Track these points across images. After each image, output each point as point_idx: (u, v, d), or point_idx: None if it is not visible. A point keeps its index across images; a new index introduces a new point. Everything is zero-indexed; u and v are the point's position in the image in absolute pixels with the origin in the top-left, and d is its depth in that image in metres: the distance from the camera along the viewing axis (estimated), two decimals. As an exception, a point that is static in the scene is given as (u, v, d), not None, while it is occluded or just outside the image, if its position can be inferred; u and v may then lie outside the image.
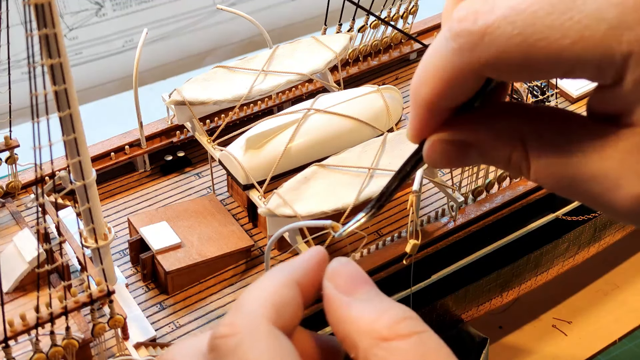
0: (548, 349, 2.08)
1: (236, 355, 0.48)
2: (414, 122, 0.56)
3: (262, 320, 0.49)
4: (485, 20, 0.48)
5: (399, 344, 0.48)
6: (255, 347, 0.48)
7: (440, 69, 0.51)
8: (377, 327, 0.49)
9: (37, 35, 1.19)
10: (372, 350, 0.48)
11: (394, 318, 0.50)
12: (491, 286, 1.99)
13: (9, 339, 1.31)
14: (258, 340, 0.48)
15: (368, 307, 0.51)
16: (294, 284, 0.53)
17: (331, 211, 1.58)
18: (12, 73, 1.56)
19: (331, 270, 0.54)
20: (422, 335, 0.49)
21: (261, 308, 0.50)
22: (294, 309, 0.52)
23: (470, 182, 1.81)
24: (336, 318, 0.52)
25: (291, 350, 0.49)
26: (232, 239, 1.72)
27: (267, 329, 0.49)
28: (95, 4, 2.68)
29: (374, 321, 0.50)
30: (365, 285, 0.53)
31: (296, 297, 0.52)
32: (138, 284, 1.70)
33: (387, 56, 2.25)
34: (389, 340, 0.48)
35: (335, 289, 0.53)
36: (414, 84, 0.54)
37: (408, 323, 0.50)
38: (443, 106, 0.54)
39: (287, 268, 0.54)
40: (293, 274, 0.53)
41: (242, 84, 1.85)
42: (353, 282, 0.53)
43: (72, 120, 1.32)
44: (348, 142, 1.73)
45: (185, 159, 1.99)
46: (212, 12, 2.83)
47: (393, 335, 0.49)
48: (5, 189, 1.76)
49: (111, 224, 1.72)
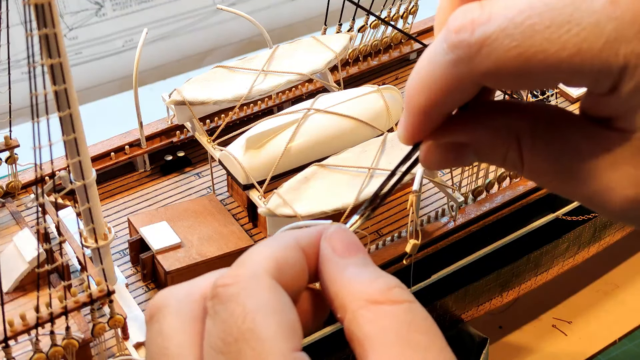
0: (548, 349, 2.08)
1: (235, 302, 0.49)
2: (408, 127, 0.56)
3: (264, 274, 0.51)
4: (482, 32, 0.48)
5: (390, 308, 0.50)
6: (255, 296, 0.49)
7: (436, 78, 0.51)
8: (370, 291, 0.51)
9: (37, 35, 1.19)
10: (361, 311, 0.50)
11: (388, 284, 0.51)
12: (491, 286, 1.99)
13: (9, 338, 1.31)
14: (258, 291, 0.49)
15: (362, 271, 0.52)
16: (298, 247, 0.54)
17: (331, 211, 1.58)
18: (12, 73, 1.56)
19: (330, 233, 0.55)
20: (412, 305, 0.51)
21: (264, 262, 0.51)
22: (296, 271, 0.53)
23: (470, 182, 1.81)
24: (328, 278, 0.53)
25: (289, 306, 0.50)
26: (232, 239, 1.72)
27: (268, 281, 0.50)
28: (95, 4, 2.68)
29: (368, 285, 0.51)
30: (360, 252, 0.55)
31: (300, 261, 0.53)
32: (138, 284, 1.71)
33: (387, 56, 2.25)
34: (380, 304, 0.50)
35: (331, 250, 0.54)
36: (408, 91, 0.55)
37: (399, 291, 0.51)
38: (438, 113, 0.55)
39: (292, 234, 0.55)
40: (297, 239, 0.54)
41: (242, 84, 1.85)
42: (349, 246, 0.54)
43: (72, 120, 1.32)
44: (348, 142, 1.73)
45: (185, 159, 1.99)
46: (212, 12, 2.83)
47: (385, 299, 0.50)
48: (5, 189, 1.76)
49: (111, 224, 1.72)
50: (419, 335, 0.49)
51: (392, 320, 0.49)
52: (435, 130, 0.56)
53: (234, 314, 0.48)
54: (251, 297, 0.49)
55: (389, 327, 0.49)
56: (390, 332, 0.48)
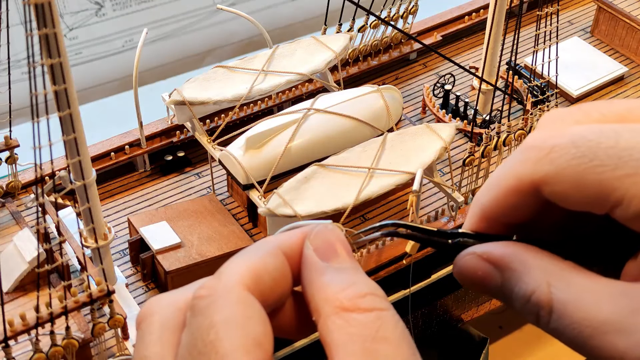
0: (548, 349, 2.08)
1: (204, 315, 0.50)
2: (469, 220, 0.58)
3: (236, 286, 0.51)
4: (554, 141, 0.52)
5: (357, 316, 0.50)
6: (222, 310, 0.50)
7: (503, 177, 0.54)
8: (340, 297, 0.51)
9: (37, 35, 1.19)
10: (331, 318, 0.50)
11: (358, 291, 0.51)
12: (491, 286, 1.99)
13: (9, 338, 1.31)
14: (226, 305, 0.50)
15: (338, 276, 0.53)
16: (279, 253, 0.54)
17: (331, 211, 1.58)
18: (12, 73, 1.56)
19: (315, 233, 0.55)
20: (381, 313, 0.51)
21: (239, 273, 0.52)
22: (277, 277, 0.53)
23: (470, 182, 1.82)
24: (308, 280, 0.53)
25: (258, 319, 0.50)
26: (232, 238, 1.72)
27: (239, 294, 0.51)
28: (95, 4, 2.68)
29: (339, 291, 0.51)
30: (342, 254, 0.55)
31: (281, 266, 0.54)
32: (138, 284, 1.71)
33: (387, 56, 2.25)
34: (348, 312, 0.50)
35: (313, 252, 0.54)
36: (480, 190, 0.58)
37: (370, 298, 0.51)
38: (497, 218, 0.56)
39: (273, 238, 0.56)
40: (279, 244, 0.55)
41: (242, 84, 1.85)
42: (331, 248, 0.54)
43: (72, 120, 1.32)
44: (348, 142, 1.73)
45: (185, 159, 1.99)
46: (212, 12, 2.83)
47: (353, 307, 0.50)
48: (5, 189, 1.76)
49: (111, 224, 1.72)
50: (385, 345, 0.49)
51: (358, 329, 0.49)
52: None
53: (201, 327, 0.50)
54: (219, 311, 0.50)
55: (355, 335, 0.49)
56: (355, 341, 0.49)
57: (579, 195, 0.51)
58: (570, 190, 0.51)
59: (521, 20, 1.79)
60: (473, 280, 0.57)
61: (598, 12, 2.42)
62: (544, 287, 0.53)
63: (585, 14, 2.55)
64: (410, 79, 2.29)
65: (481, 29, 2.38)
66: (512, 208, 0.55)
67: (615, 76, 2.27)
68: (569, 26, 2.50)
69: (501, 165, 0.55)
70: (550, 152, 0.51)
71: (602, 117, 0.54)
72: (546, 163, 0.51)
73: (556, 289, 0.52)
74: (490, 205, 0.55)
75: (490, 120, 1.95)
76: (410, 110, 2.17)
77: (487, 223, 0.56)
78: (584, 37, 2.43)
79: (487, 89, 2.04)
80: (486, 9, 2.33)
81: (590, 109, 0.54)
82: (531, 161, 0.52)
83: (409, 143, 1.72)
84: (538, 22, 1.81)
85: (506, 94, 1.84)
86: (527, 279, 0.53)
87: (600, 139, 0.50)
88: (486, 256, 0.56)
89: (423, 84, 2.24)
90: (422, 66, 2.33)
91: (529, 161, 0.52)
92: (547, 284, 0.53)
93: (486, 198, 0.55)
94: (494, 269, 0.55)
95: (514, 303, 0.54)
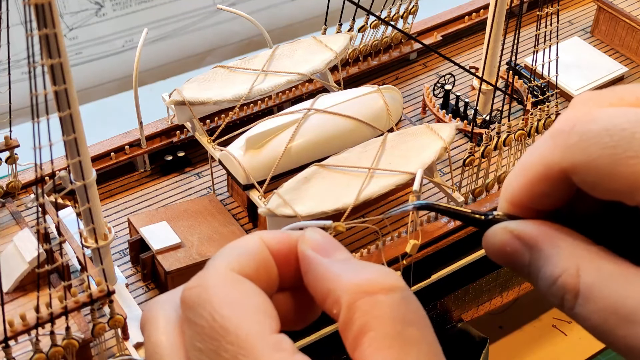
0: (548, 349, 2.08)
1: (200, 303, 0.50)
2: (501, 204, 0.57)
3: (225, 270, 0.52)
4: (586, 127, 0.50)
5: (383, 298, 0.49)
6: (218, 293, 0.50)
7: (531, 164, 0.53)
8: (359, 282, 0.50)
9: (37, 35, 1.19)
10: (356, 304, 0.50)
11: (374, 273, 0.51)
12: (491, 286, 1.99)
13: (9, 339, 1.31)
14: (220, 287, 0.50)
15: (348, 266, 0.53)
16: (260, 241, 0.55)
17: (331, 211, 1.58)
18: (12, 73, 1.56)
19: (307, 237, 0.56)
20: (404, 293, 0.50)
21: (225, 261, 0.53)
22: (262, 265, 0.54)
23: (470, 182, 1.82)
24: (316, 277, 0.53)
25: (254, 291, 0.51)
26: (232, 239, 1.72)
27: (229, 275, 0.51)
28: (95, 4, 2.68)
29: (355, 277, 0.51)
30: (340, 249, 0.55)
31: (266, 257, 0.54)
32: (138, 284, 1.71)
33: (387, 56, 2.25)
34: (372, 294, 0.50)
35: (313, 252, 0.54)
36: (508, 176, 0.56)
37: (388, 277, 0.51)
38: (527, 205, 0.55)
39: (255, 233, 0.56)
40: (260, 235, 0.55)
41: (242, 84, 1.85)
42: (329, 244, 0.55)
43: (72, 120, 1.32)
44: (348, 142, 1.73)
45: (185, 159, 1.99)
46: (212, 12, 2.83)
47: (376, 288, 0.50)
48: (5, 189, 1.76)
49: (111, 224, 1.72)
50: (412, 328, 0.49)
51: (385, 310, 0.49)
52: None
53: (203, 315, 0.50)
54: (215, 295, 0.50)
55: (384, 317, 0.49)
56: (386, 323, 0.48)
57: (609, 186, 0.49)
58: (601, 180, 0.49)
59: (521, 20, 1.79)
60: (500, 255, 0.56)
61: (598, 12, 2.42)
62: (572, 271, 0.51)
63: (585, 14, 2.55)
64: (410, 79, 2.29)
65: (481, 29, 2.38)
66: (541, 195, 0.54)
67: (616, 76, 2.27)
68: (569, 26, 2.50)
69: (530, 150, 0.54)
70: (581, 140, 0.50)
71: (638, 100, 0.52)
72: (576, 151, 0.50)
73: (585, 273, 0.51)
74: (520, 192, 0.54)
75: (490, 120, 1.95)
76: (410, 110, 2.17)
77: (518, 209, 0.55)
78: (584, 37, 2.43)
79: (487, 89, 2.04)
80: (486, 9, 2.33)
81: (625, 93, 0.53)
82: (560, 148, 0.51)
83: (409, 143, 1.72)
84: (538, 22, 1.81)
85: (506, 94, 1.84)
86: (555, 261, 0.52)
87: (635, 129, 0.48)
88: (517, 233, 0.55)
89: (423, 84, 2.24)
90: (422, 66, 2.33)
91: (558, 148, 0.51)
92: (576, 267, 0.51)
93: (515, 184, 0.54)
94: (524, 247, 0.54)
95: (539, 283, 0.53)
